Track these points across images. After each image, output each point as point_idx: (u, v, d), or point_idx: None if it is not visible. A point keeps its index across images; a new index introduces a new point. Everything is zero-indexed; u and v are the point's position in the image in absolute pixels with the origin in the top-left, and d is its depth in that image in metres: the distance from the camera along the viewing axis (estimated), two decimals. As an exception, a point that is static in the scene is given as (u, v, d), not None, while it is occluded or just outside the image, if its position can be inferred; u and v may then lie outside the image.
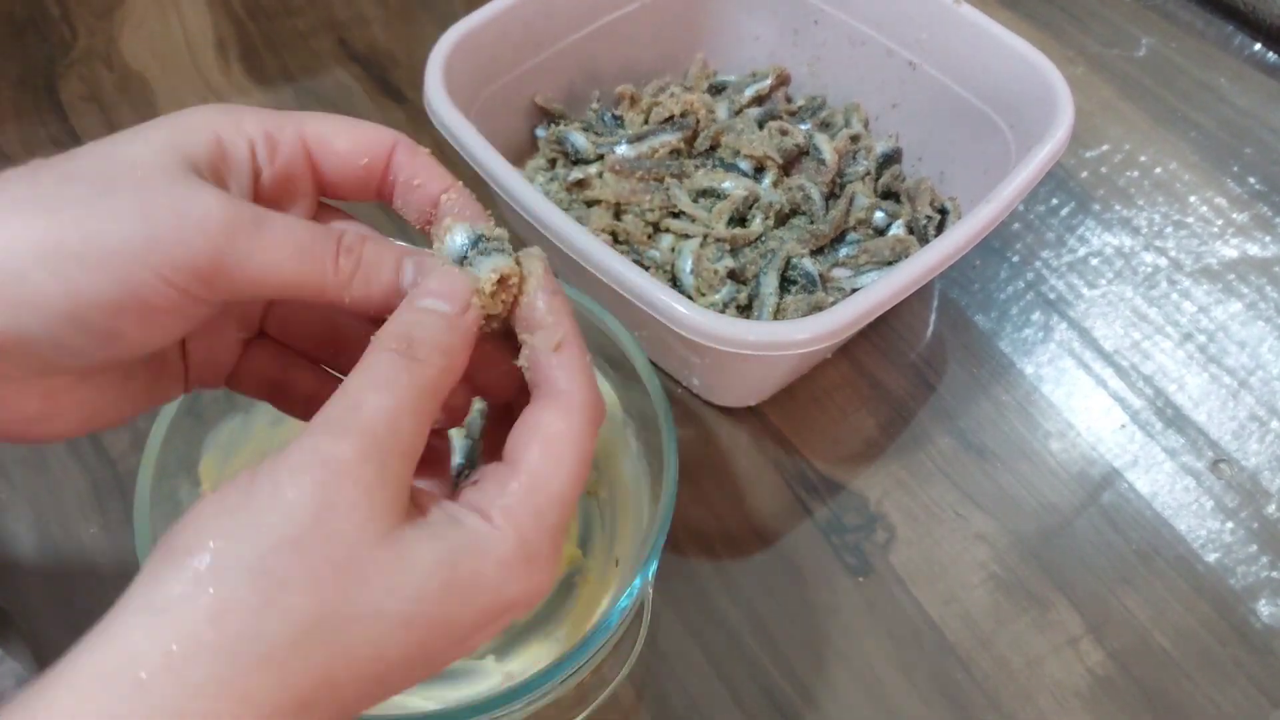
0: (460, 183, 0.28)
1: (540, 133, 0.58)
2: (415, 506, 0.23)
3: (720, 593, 0.45)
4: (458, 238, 0.26)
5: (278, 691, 0.20)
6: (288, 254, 0.24)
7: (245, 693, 0.20)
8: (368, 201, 0.29)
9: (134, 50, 0.68)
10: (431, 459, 0.27)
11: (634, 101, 0.59)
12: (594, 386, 0.25)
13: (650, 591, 0.40)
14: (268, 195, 0.27)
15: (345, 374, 0.28)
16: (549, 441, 0.24)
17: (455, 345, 0.24)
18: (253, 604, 0.20)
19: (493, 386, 0.29)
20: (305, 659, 0.20)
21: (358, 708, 0.22)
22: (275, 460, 0.22)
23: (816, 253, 0.53)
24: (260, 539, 0.20)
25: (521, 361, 0.26)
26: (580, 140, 0.55)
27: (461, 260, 0.26)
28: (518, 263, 0.26)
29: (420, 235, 0.29)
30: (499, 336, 0.27)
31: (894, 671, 0.43)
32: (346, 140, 0.27)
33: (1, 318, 0.22)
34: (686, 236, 0.52)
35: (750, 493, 0.49)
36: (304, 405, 0.30)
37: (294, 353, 0.30)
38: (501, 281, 0.25)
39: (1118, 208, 0.61)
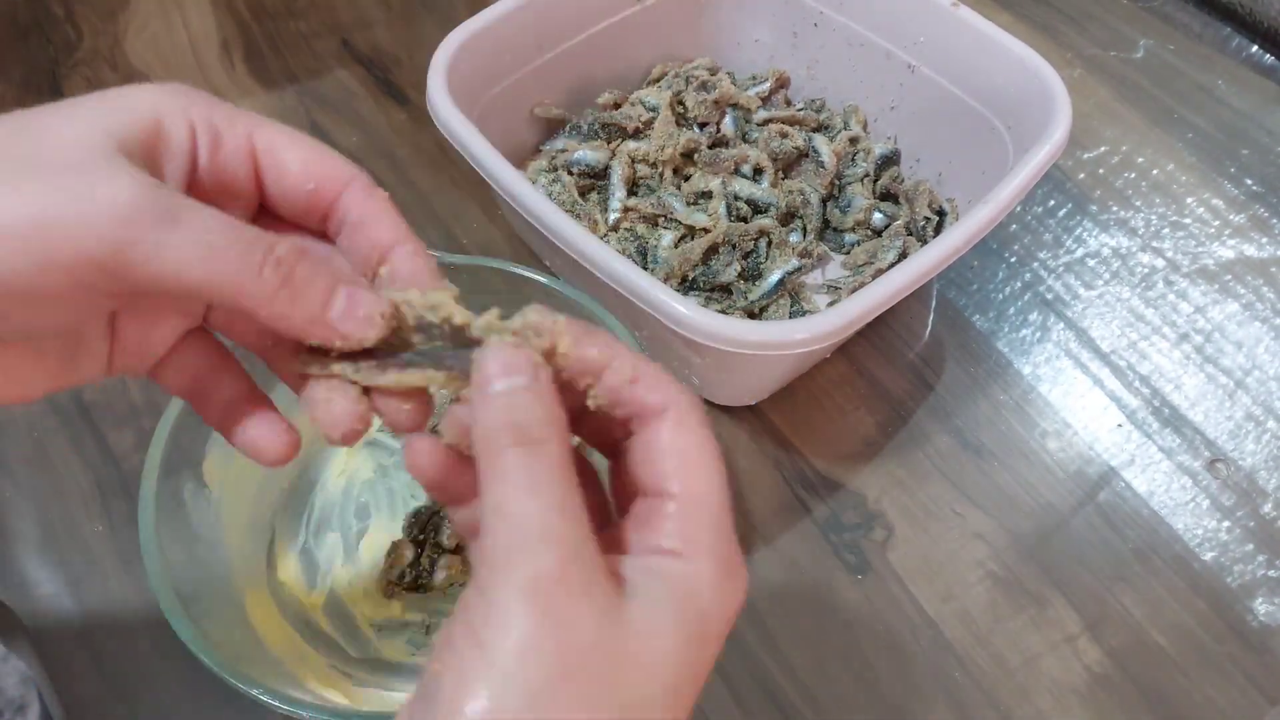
0: (413, 237, 0.26)
1: (546, 145, 0.58)
2: (615, 578, 0.23)
3: (720, 591, 0.46)
4: (486, 319, 0.25)
5: None
6: (201, 252, 0.22)
7: None
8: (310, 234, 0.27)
9: (138, 51, 0.69)
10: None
11: (618, 106, 0.59)
12: (685, 387, 0.25)
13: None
14: (202, 190, 0.25)
15: (281, 372, 0.28)
16: (682, 455, 0.24)
17: (554, 413, 0.23)
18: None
19: None
20: None
21: None
22: (485, 611, 0.21)
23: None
24: (518, 689, 0.20)
25: (597, 403, 0.25)
26: (590, 156, 0.55)
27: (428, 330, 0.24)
28: (522, 332, 0.25)
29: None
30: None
31: (892, 669, 0.44)
32: (297, 159, 0.25)
33: None
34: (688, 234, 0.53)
35: (749, 491, 0.49)
36: (220, 411, 0.28)
37: (225, 354, 0.29)
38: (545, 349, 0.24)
39: (1115, 209, 0.61)
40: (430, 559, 0.43)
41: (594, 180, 0.56)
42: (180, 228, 0.22)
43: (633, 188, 0.56)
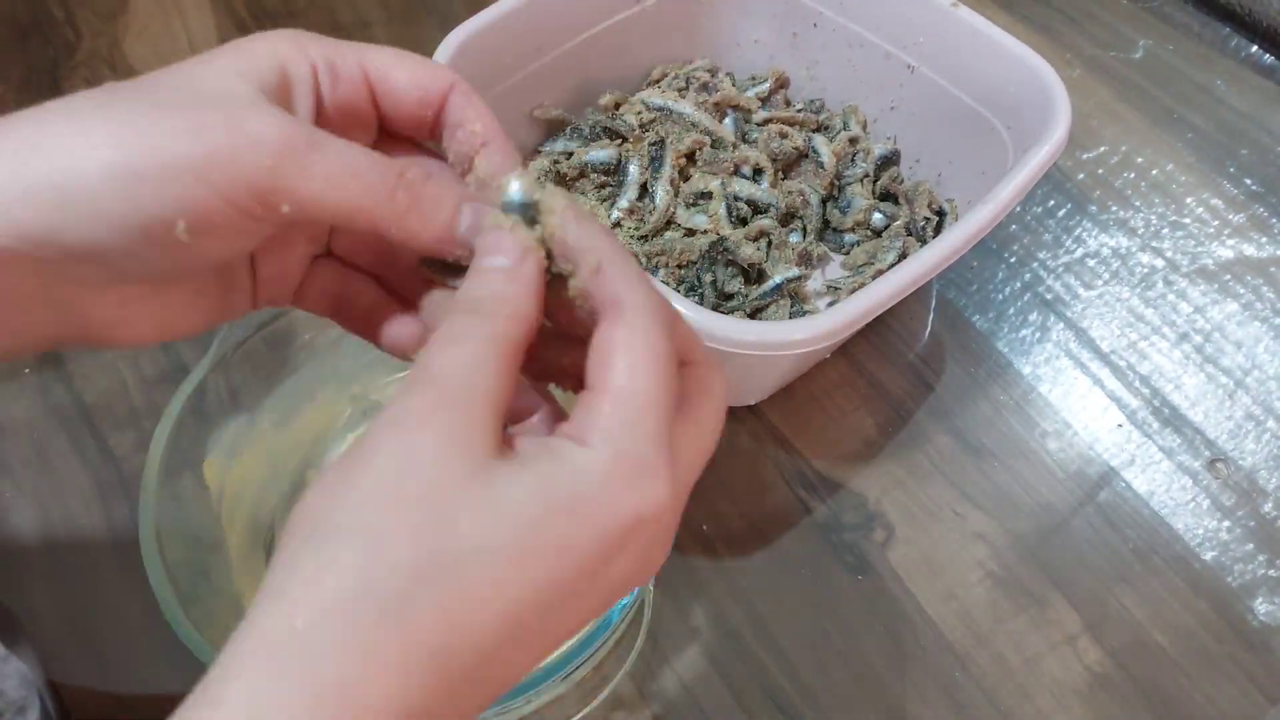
0: (503, 135, 0.28)
1: (546, 147, 0.58)
2: (508, 449, 0.22)
3: (720, 590, 0.46)
4: (512, 191, 0.25)
5: (401, 643, 0.20)
6: (343, 178, 0.24)
7: (369, 650, 0.20)
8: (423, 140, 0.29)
9: (138, 53, 0.69)
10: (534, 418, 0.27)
11: (618, 107, 0.59)
12: (647, 288, 0.24)
13: (651, 589, 0.40)
14: (330, 123, 0.27)
15: (404, 291, 0.30)
16: (619, 351, 0.23)
17: (519, 294, 0.24)
18: (359, 562, 0.20)
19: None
20: (419, 606, 0.20)
21: (510, 657, 0.22)
22: (366, 432, 0.22)
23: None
24: (351, 501, 0.21)
25: (575, 296, 0.25)
26: (603, 155, 0.55)
27: (519, 210, 0.25)
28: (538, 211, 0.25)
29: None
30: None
31: (892, 669, 0.44)
32: (405, 75, 0.27)
33: (77, 231, 0.23)
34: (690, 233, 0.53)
35: (749, 491, 0.49)
36: (364, 320, 0.30)
37: (357, 271, 0.31)
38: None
39: (1114, 209, 0.61)
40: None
41: (608, 178, 0.56)
42: (321, 158, 0.24)
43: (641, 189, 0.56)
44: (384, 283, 0.30)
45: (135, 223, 0.23)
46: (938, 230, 0.55)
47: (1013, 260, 0.59)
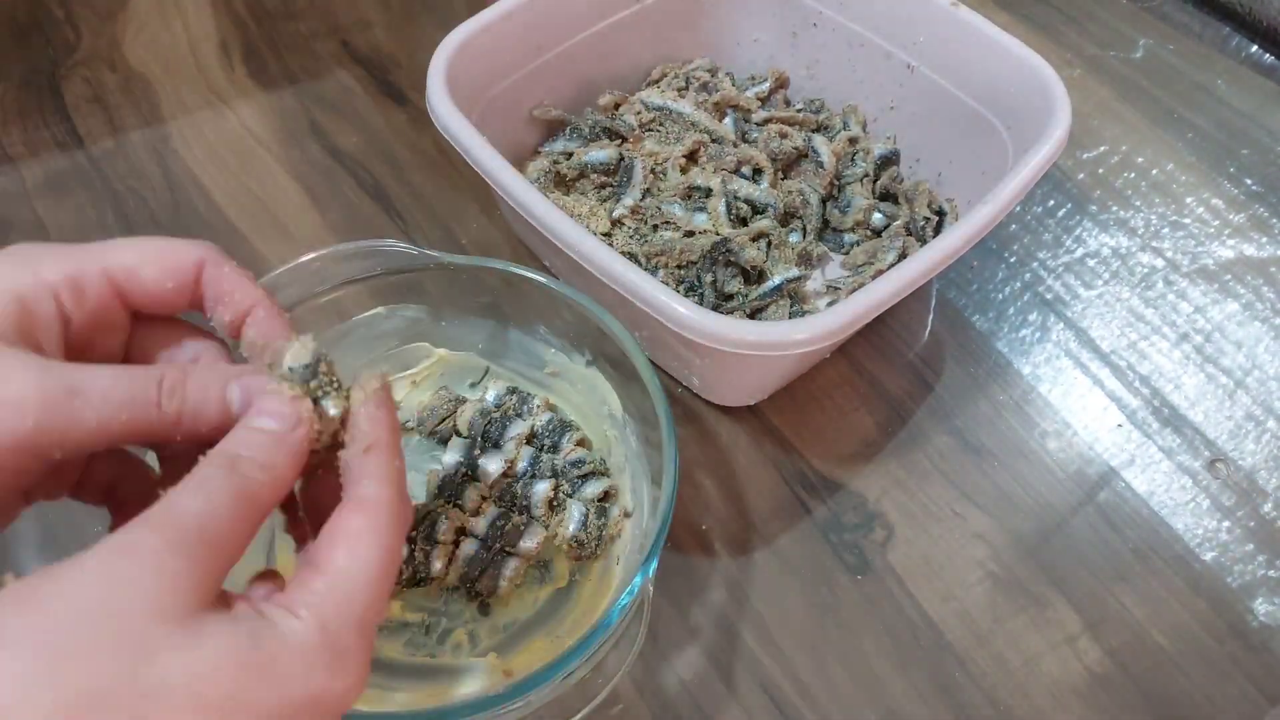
0: (266, 297, 0.29)
1: (546, 147, 0.58)
2: (223, 605, 0.23)
3: (720, 590, 0.46)
4: (288, 360, 0.26)
5: None
6: (110, 412, 0.24)
7: None
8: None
9: (137, 52, 0.69)
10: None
11: (618, 106, 0.59)
12: (399, 488, 0.25)
13: (651, 589, 0.40)
14: (79, 338, 0.27)
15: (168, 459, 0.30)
16: (350, 538, 0.24)
17: (280, 461, 0.25)
18: (36, 676, 0.20)
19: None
20: None
21: None
22: (80, 553, 0.22)
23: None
24: (47, 614, 0.20)
25: (340, 466, 0.26)
26: (603, 155, 0.55)
27: (300, 374, 0.26)
28: (347, 397, 0.27)
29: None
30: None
31: (892, 669, 0.44)
32: (153, 268, 0.27)
33: None
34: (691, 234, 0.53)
35: (749, 491, 0.49)
36: (138, 506, 0.29)
37: (133, 460, 0.31)
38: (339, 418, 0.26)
39: (1115, 209, 0.61)
40: (424, 552, 0.43)
41: (608, 179, 0.56)
42: (85, 403, 0.24)
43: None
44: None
45: None
46: (937, 230, 0.55)
47: (1013, 260, 0.59)
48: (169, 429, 0.25)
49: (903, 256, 0.53)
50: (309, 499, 0.30)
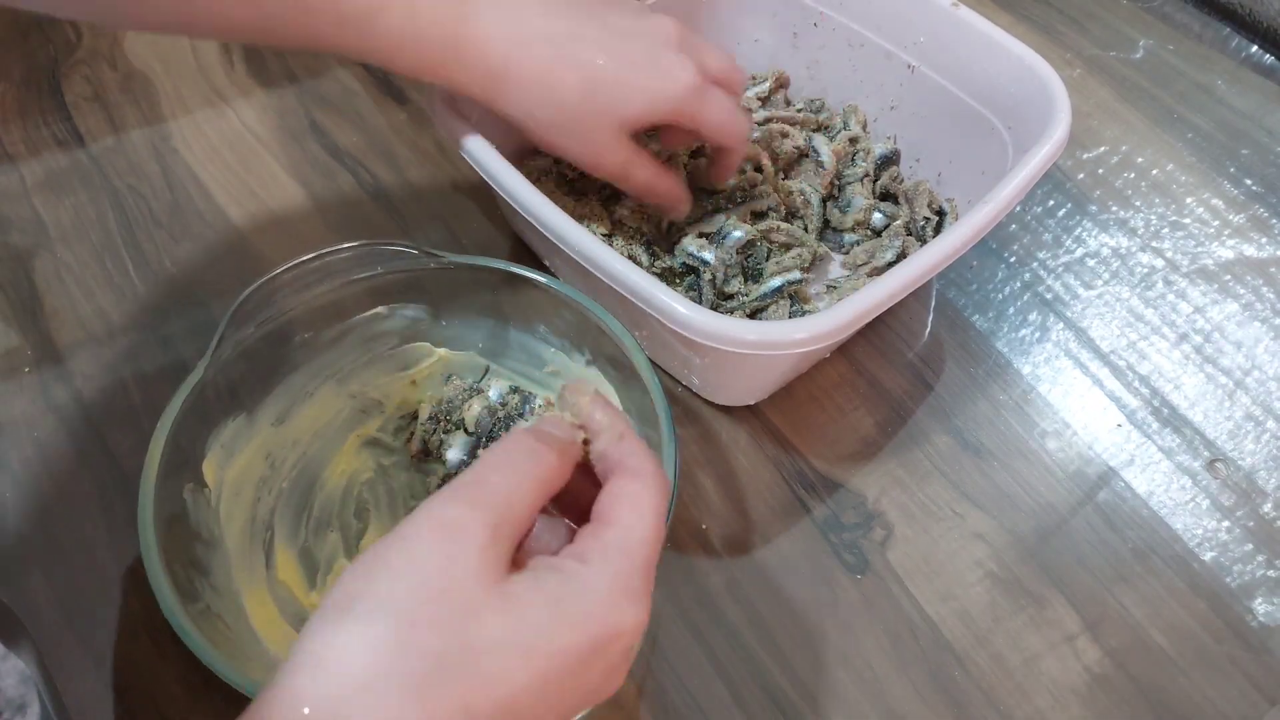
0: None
1: None
2: (516, 566, 0.27)
3: (720, 590, 0.46)
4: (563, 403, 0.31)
5: (424, 716, 0.23)
6: (720, 112, 0.43)
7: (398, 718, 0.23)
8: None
9: (137, 50, 0.69)
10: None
11: None
12: (660, 463, 0.29)
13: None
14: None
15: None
16: (631, 500, 0.28)
17: (569, 448, 0.29)
18: (393, 643, 0.23)
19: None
20: (443, 689, 0.23)
21: None
22: (408, 523, 0.26)
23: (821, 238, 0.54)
24: (395, 587, 0.24)
25: (593, 459, 0.30)
26: None
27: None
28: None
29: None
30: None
31: (891, 669, 0.44)
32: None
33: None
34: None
35: (749, 491, 0.49)
36: None
37: None
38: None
39: (1115, 209, 0.61)
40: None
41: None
42: (709, 98, 0.43)
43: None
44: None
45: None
46: (938, 230, 0.55)
47: (1013, 260, 0.59)
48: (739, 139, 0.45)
49: (902, 256, 0.53)
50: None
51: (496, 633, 0.24)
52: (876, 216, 0.56)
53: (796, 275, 0.52)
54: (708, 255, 0.51)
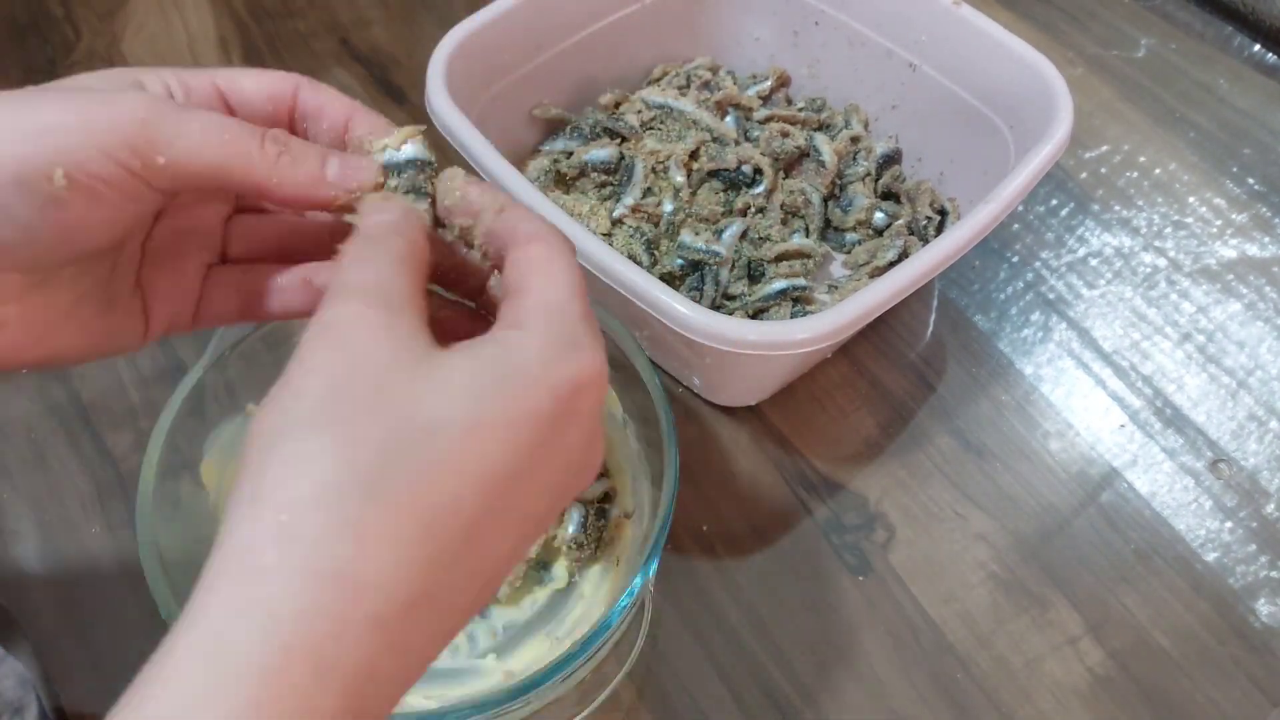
0: (361, 106, 0.30)
1: (546, 146, 0.58)
2: (444, 347, 0.24)
3: (720, 592, 0.46)
4: (397, 151, 0.28)
5: (388, 517, 0.21)
6: (215, 132, 0.26)
7: (359, 529, 0.20)
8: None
9: (136, 51, 0.69)
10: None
11: (618, 105, 0.59)
12: (554, 227, 0.27)
13: (651, 590, 0.40)
14: None
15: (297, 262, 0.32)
16: (539, 263, 0.26)
17: (411, 227, 0.26)
18: (328, 450, 0.21)
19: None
20: (397, 478, 0.21)
21: (491, 536, 0.23)
22: (299, 348, 0.23)
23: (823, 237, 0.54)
24: (306, 403, 0.22)
25: (477, 242, 0.28)
26: (604, 154, 0.55)
27: (404, 168, 0.28)
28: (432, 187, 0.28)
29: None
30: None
31: (893, 670, 0.43)
32: (252, 81, 0.29)
33: None
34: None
35: (750, 492, 0.49)
36: (277, 298, 0.31)
37: (257, 265, 0.32)
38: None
39: (1117, 208, 0.61)
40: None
41: (608, 177, 0.55)
42: (193, 117, 0.26)
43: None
44: (288, 260, 0.32)
45: (10, 172, 0.24)
46: (939, 229, 0.55)
47: (1015, 260, 0.59)
48: (265, 171, 0.26)
49: (904, 256, 0.53)
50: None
51: (438, 409, 0.22)
52: (878, 216, 0.56)
53: (802, 282, 0.51)
54: (718, 247, 0.50)
